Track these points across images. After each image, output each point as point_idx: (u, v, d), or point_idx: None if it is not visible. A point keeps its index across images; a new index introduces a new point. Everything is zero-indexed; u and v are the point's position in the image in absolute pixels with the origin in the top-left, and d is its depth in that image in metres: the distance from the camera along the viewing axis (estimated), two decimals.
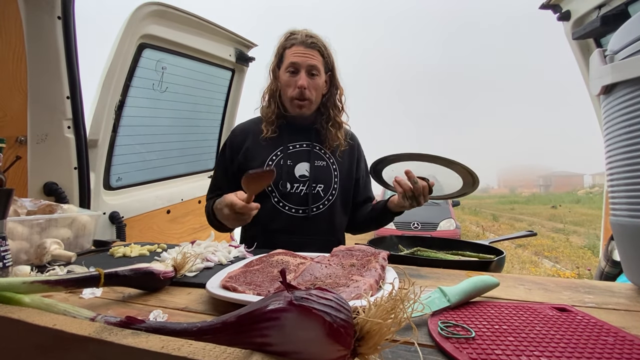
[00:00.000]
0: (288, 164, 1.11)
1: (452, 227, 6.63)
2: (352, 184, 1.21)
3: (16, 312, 0.35)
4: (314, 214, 1.10)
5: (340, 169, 1.17)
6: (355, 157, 1.23)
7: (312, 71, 1.08)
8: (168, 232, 1.96)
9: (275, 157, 1.11)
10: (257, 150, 1.12)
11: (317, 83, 1.10)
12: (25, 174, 1.32)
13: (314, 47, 1.09)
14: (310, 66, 1.07)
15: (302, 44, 1.08)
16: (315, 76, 1.09)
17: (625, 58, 0.59)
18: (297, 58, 1.07)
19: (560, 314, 0.49)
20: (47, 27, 1.26)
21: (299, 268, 0.63)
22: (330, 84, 1.16)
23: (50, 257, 0.78)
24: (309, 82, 1.08)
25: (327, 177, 1.13)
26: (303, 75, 1.07)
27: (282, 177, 1.09)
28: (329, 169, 1.15)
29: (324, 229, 1.12)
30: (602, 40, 1.61)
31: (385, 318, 0.28)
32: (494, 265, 0.81)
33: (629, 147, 0.58)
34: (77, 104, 1.36)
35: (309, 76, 1.08)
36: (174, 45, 1.77)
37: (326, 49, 1.12)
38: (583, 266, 5.39)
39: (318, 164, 1.13)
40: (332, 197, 1.13)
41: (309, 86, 1.08)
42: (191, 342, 0.28)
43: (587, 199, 23.23)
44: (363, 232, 1.29)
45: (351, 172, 1.21)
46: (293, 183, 1.10)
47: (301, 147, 1.14)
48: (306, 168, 1.11)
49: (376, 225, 1.21)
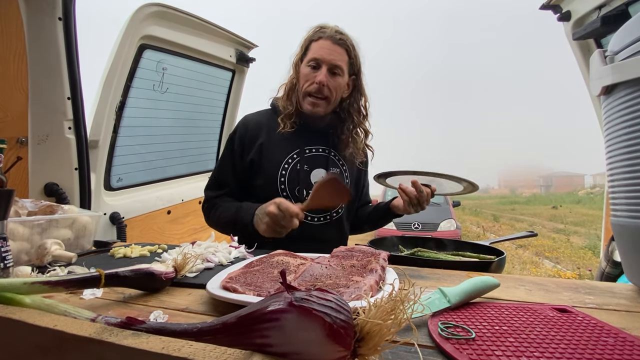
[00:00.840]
0: (305, 169, 1.06)
1: (453, 227, 6.63)
2: (358, 193, 1.20)
3: (17, 313, 0.35)
4: (327, 221, 1.09)
5: (351, 178, 1.14)
6: (365, 165, 1.22)
7: (334, 70, 1.02)
8: (168, 232, 1.96)
9: (291, 160, 1.06)
10: (272, 148, 1.06)
11: (337, 82, 1.03)
12: (26, 175, 1.32)
13: (342, 45, 1.03)
14: (333, 64, 1.01)
15: (329, 38, 1.02)
16: (338, 75, 1.03)
17: (625, 58, 0.59)
18: (322, 52, 1.01)
19: (560, 314, 0.49)
20: (48, 28, 1.26)
21: (299, 269, 0.63)
22: (353, 88, 1.10)
23: (51, 258, 0.78)
24: (329, 80, 1.01)
25: None
26: (324, 71, 1.00)
27: (299, 182, 1.05)
28: (343, 177, 1.12)
29: (335, 237, 1.11)
30: (603, 40, 1.61)
31: (386, 319, 0.28)
32: (494, 265, 0.81)
33: (629, 148, 0.58)
34: (77, 105, 1.36)
35: (331, 74, 1.02)
36: (175, 46, 1.78)
37: (354, 50, 1.06)
38: (584, 267, 5.38)
39: (333, 170, 1.10)
40: (343, 206, 1.12)
41: (329, 84, 1.01)
42: (191, 343, 0.28)
43: (588, 199, 23.20)
44: (361, 232, 1.28)
45: (359, 181, 1.19)
46: (309, 190, 1.05)
47: (317, 152, 1.10)
48: (322, 175, 1.07)
49: (375, 226, 1.22)
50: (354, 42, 1.07)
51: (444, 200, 7.60)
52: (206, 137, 2.27)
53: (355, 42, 1.07)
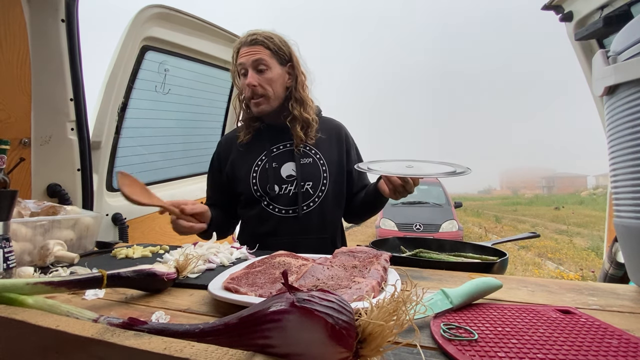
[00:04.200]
0: (274, 167, 1.10)
1: (455, 228, 6.61)
2: (344, 176, 1.17)
3: (20, 313, 0.36)
4: (305, 212, 1.08)
5: (328, 163, 1.13)
6: (344, 147, 1.18)
7: (258, 66, 1.05)
8: (170, 233, 1.96)
9: (260, 162, 1.11)
10: (241, 159, 1.13)
11: (268, 77, 1.06)
12: (29, 176, 1.33)
13: (256, 43, 1.06)
14: (254, 61, 1.04)
15: (244, 44, 1.06)
16: (265, 70, 1.05)
17: (628, 59, 0.58)
18: (242, 58, 1.05)
19: (563, 316, 0.48)
20: (51, 30, 1.27)
21: (300, 270, 0.63)
22: (292, 75, 1.12)
23: (54, 259, 0.78)
24: (258, 78, 1.05)
25: (315, 173, 1.10)
26: (251, 73, 1.04)
27: (268, 180, 1.08)
28: (317, 165, 1.12)
29: (315, 227, 1.10)
30: (605, 41, 1.61)
31: (388, 320, 0.28)
32: (496, 267, 0.80)
33: (632, 148, 0.58)
34: (80, 106, 1.37)
35: (257, 72, 1.05)
36: (177, 48, 1.78)
37: (272, 41, 1.07)
38: (587, 268, 5.36)
39: (304, 161, 1.11)
40: (322, 194, 1.11)
41: (260, 82, 1.05)
42: (193, 344, 0.28)
43: (591, 200, 23.11)
44: (361, 219, 1.26)
45: (341, 163, 1.16)
46: (281, 184, 1.08)
47: (285, 148, 1.13)
48: (292, 168, 1.10)
49: (371, 211, 1.19)
50: (270, 34, 1.08)
51: (446, 202, 7.59)
52: (208, 138, 2.27)
53: (272, 34, 1.09)
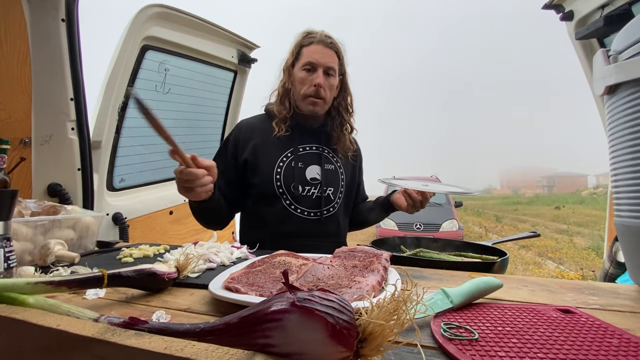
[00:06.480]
0: (299, 166, 1.11)
1: (455, 228, 6.61)
2: (354, 188, 1.24)
3: (20, 313, 0.36)
4: (326, 216, 1.11)
5: (345, 174, 1.19)
6: (358, 161, 1.26)
7: (328, 71, 1.09)
8: (171, 233, 1.96)
9: (285, 159, 1.11)
10: (266, 149, 1.11)
11: (332, 83, 1.10)
12: (30, 175, 1.33)
13: (332, 48, 1.10)
14: (328, 66, 1.08)
15: (321, 42, 1.08)
16: (331, 77, 1.10)
17: (629, 58, 0.58)
18: (316, 56, 1.07)
19: (564, 315, 0.48)
20: (51, 29, 1.27)
21: (301, 269, 0.63)
22: (341, 87, 1.17)
23: (54, 258, 0.78)
24: (325, 81, 1.08)
25: (336, 180, 1.15)
26: (320, 74, 1.07)
27: (294, 179, 1.08)
28: (337, 173, 1.16)
29: (333, 232, 1.14)
30: (606, 40, 1.60)
31: (388, 319, 0.28)
32: (497, 266, 0.80)
33: (633, 148, 0.58)
34: (80, 106, 1.37)
35: (326, 76, 1.08)
36: (177, 47, 1.78)
37: (341, 52, 1.13)
38: (587, 267, 5.35)
39: (328, 167, 1.14)
40: (339, 201, 1.15)
41: (325, 85, 1.08)
42: (194, 343, 0.28)
43: (591, 199, 23.09)
44: (361, 228, 1.32)
45: (354, 176, 1.23)
46: (304, 186, 1.10)
47: (311, 150, 1.14)
48: (317, 171, 1.12)
49: (376, 221, 1.26)
50: (341, 45, 1.14)
51: (446, 201, 7.58)
52: (208, 138, 2.27)
53: (342, 45, 1.14)
